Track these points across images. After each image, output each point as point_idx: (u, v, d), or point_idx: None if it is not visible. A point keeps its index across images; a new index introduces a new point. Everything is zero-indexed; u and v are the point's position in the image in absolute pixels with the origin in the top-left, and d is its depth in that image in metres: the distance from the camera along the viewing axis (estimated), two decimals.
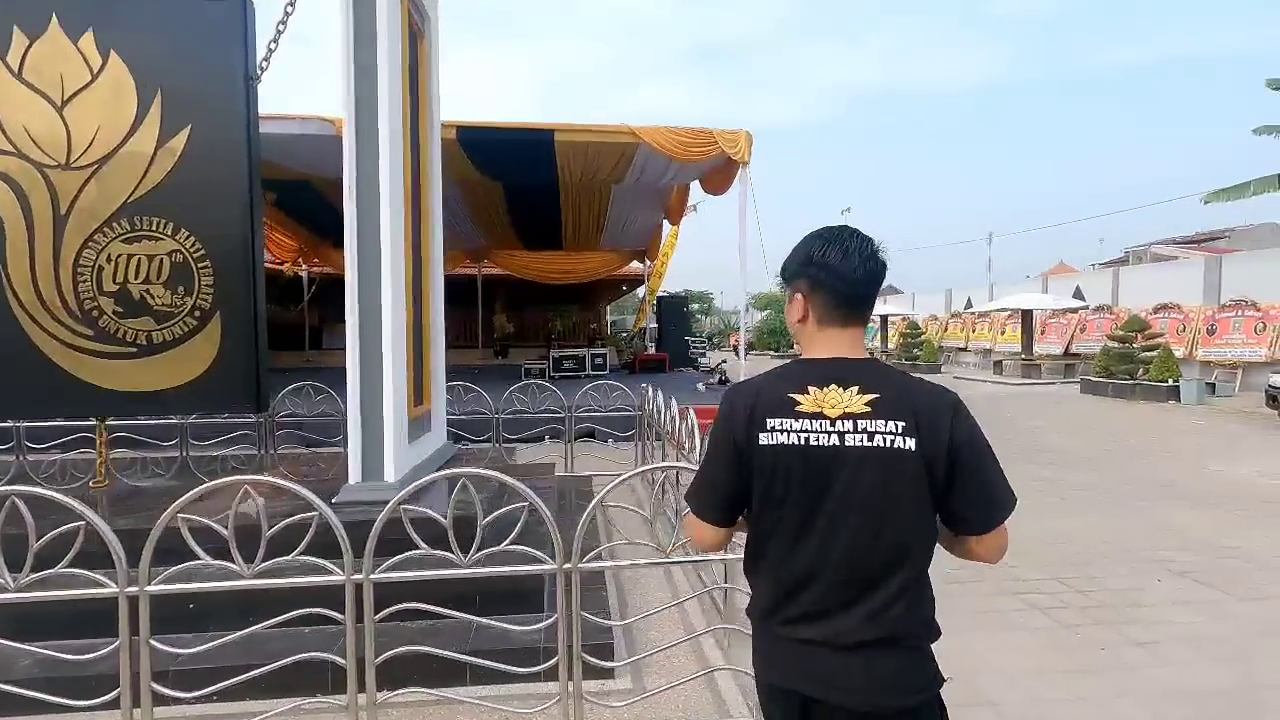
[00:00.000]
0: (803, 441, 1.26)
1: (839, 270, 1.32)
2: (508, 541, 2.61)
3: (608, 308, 26.27)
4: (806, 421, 1.26)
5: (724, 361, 19.59)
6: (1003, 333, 23.84)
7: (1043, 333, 21.89)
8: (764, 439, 1.28)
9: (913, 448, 1.23)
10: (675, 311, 18.54)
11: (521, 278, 19.39)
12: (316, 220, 15.59)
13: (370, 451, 3.79)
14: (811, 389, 1.28)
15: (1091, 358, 17.92)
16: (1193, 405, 13.65)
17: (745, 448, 1.30)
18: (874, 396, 1.26)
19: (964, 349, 26.32)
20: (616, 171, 11.15)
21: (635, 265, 20.31)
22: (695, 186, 12.60)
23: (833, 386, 1.28)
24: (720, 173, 10.68)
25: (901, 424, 1.24)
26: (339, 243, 14.24)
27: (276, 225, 15.92)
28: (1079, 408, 13.83)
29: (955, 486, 1.26)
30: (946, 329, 27.79)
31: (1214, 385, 15.07)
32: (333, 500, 3.68)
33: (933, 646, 1.32)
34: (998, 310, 22.51)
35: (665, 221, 16.64)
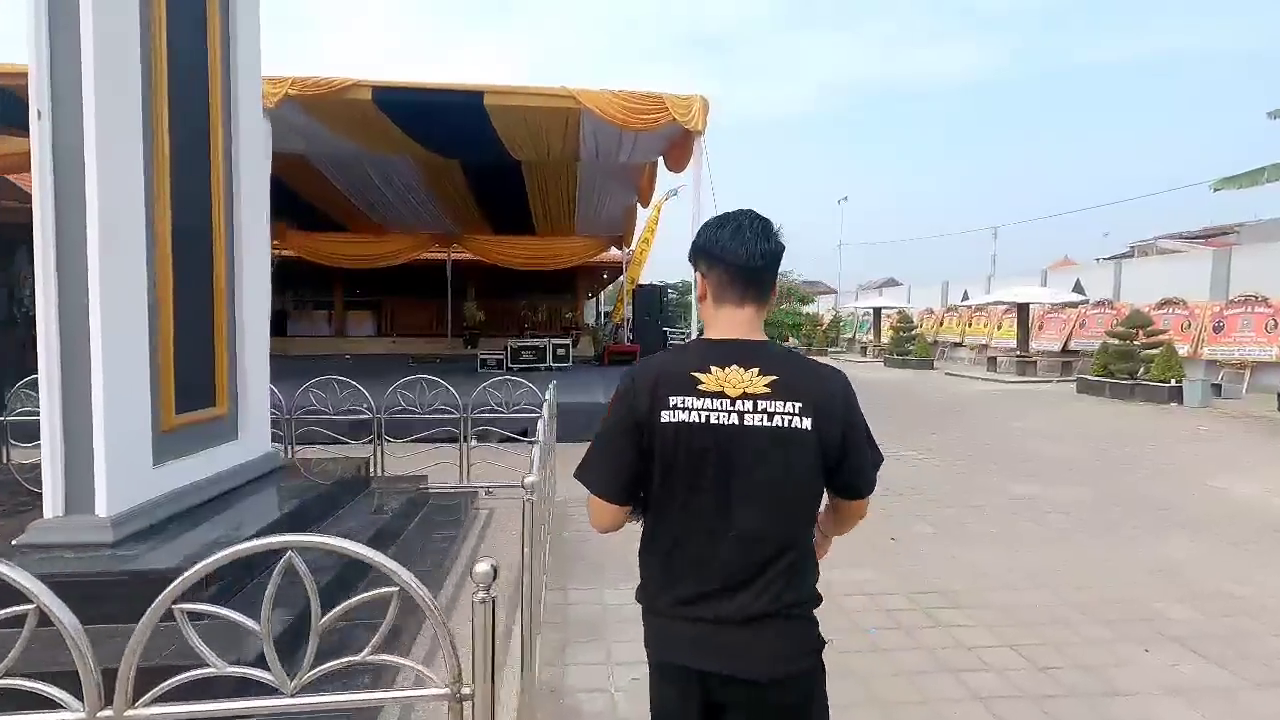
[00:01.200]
0: (704, 420, 1.29)
1: (731, 248, 1.35)
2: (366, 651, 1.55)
3: (600, 298, 25.24)
4: (708, 400, 1.29)
5: None
6: (999, 327, 22.70)
7: (1040, 328, 20.75)
8: (666, 416, 1.30)
9: (809, 427, 1.29)
10: (651, 301, 17.46)
11: (493, 264, 18.38)
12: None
13: (76, 475, 2.77)
14: (714, 368, 1.31)
15: (1090, 355, 16.80)
16: (1196, 408, 12.52)
17: (646, 425, 1.31)
18: (773, 378, 1.30)
19: (959, 344, 25.18)
20: (568, 144, 10.09)
21: (615, 252, 19.27)
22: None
23: (734, 367, 1.31)
24: (678, 146, 9.62)
25: (798, 405, 1.29)
26: (305, 224, 13.20)
27: None
28: (1074, 409, 12.73)
29: (845, 461, 1.34)
30: (942, 323, 26.62)
31: (1220, 386, 13.94)
32: (14, 542, 2.68)
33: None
34: (993, 304, 21.36)
35: (640, 205, 15.67)
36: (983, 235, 76.30)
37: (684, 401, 1.29)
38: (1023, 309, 19.52)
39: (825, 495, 1.42)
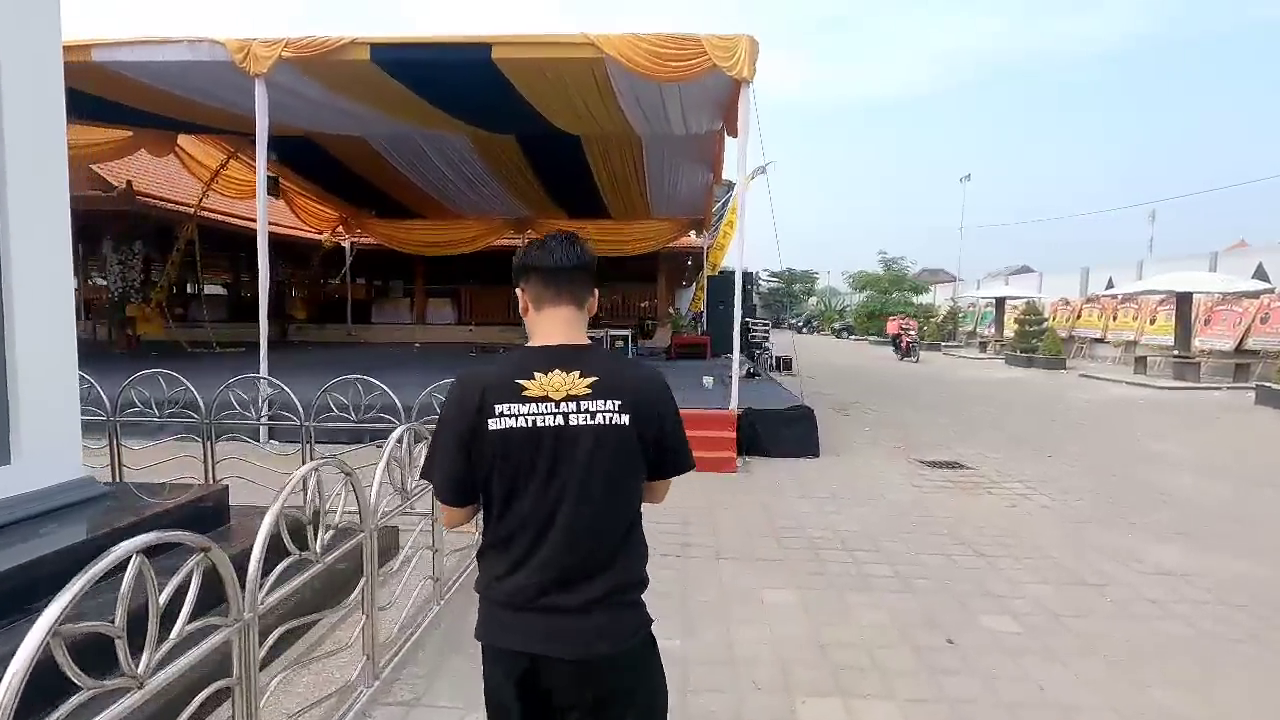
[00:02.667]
0: (530, 424, 1.33)
1: (538, 256, 1.45)
2: None
3: (691, 287, 23.83)
4: (533, 405, 1.34)
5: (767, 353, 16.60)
6: (1152, 321, 19.07)
7: (1206, 323, 17.08)
8: (493, 424, 1.33)
9: (627, 423, 1.36)
10: (726, 290, 15.81)
11: None
12: (333, 182, 14.30)
13: None
14: (537, 374, 1.36)
15: (1275, 356, 13.46)
16: None
17: (475, 434, 1.35)
18: (594, 379, 1.36)
19: (1101, 339, 21.55)
20: (608, 106, 8.75)
21: (694, 237, 17.77)
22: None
23: (556, 371, 1.36)
24: (731, 106, 8.04)
25: (618, 403, 1.35)
26: (382, 212, 12.84)
27: (308, 192, 14.84)
28: (1247, 427, 9.96)
29: (661, 451, 1.44)
30: (1079, 315, 22.95)
31: None
32: None
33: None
34: (1146, 293, 17.90)
35: (716, 184, 14.10)
36: (1133, 217, 67.35)
37: (510, 408, 1.33)
38: (1184, 300, 16.12)
39: None
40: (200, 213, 12.75)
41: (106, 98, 8.36)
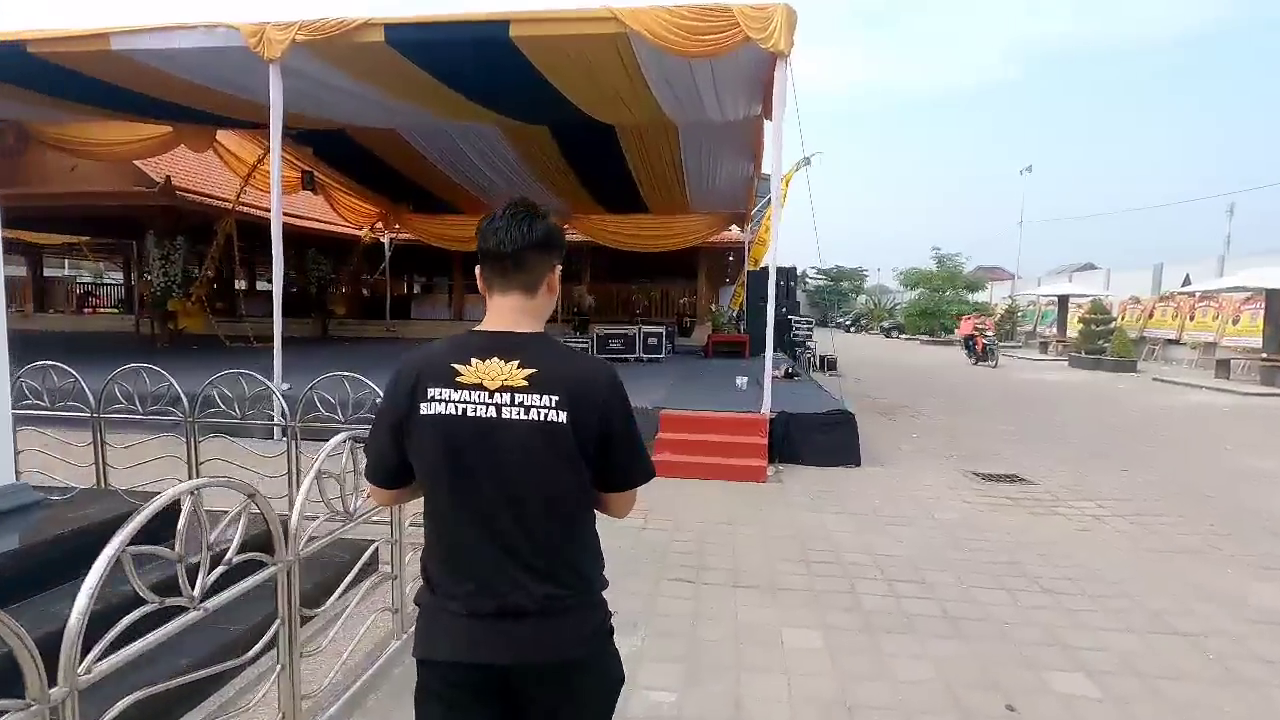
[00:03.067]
0: (460, 412, 1.23)
1: (488, 234, 1.31)
2: None
3: (734, 285, 23.16)
4: (466, 392, 1.23)
5: (808, 353, 15.79)
6: (1235, 321, 17.53)
7: None
8: (425, 409, 1.25)
9: (564, 420, 1.23)
10: (765, 286, 15.12)
11: (605, 245, 17.00)
12: (369, 177, 14.18)
13: None
14: (474, 360, 1.26)
15: None
16: None
17: (407, 417, 1.27)
18: (532, 371, 1.24)
19: (1175, 341, 19.98)
20: (637, 89, 8.23)
21: (735, 232, 17.12)
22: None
23: (494, 359, 1.25)
24: (768, 85, 7.43)
25: (555, 398, 1.23)
26: (419, 207, 12.69)
27: (345, 188, 14.77)
28: None
29: (605, 455, 1.28)
30: (1151, 314, 21.36)
31: None
32: None
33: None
34: (1231, 290, 16.44)
35: (758, 176, 13.45)
36: (1206, 214, 63.44)
37: (442, 393, 1.24)
38: (1274, 296, 14.69)
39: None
40: (238, 208, 12.75)
41: (134, 89, 8.25)
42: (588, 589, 1.33)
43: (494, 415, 1.22)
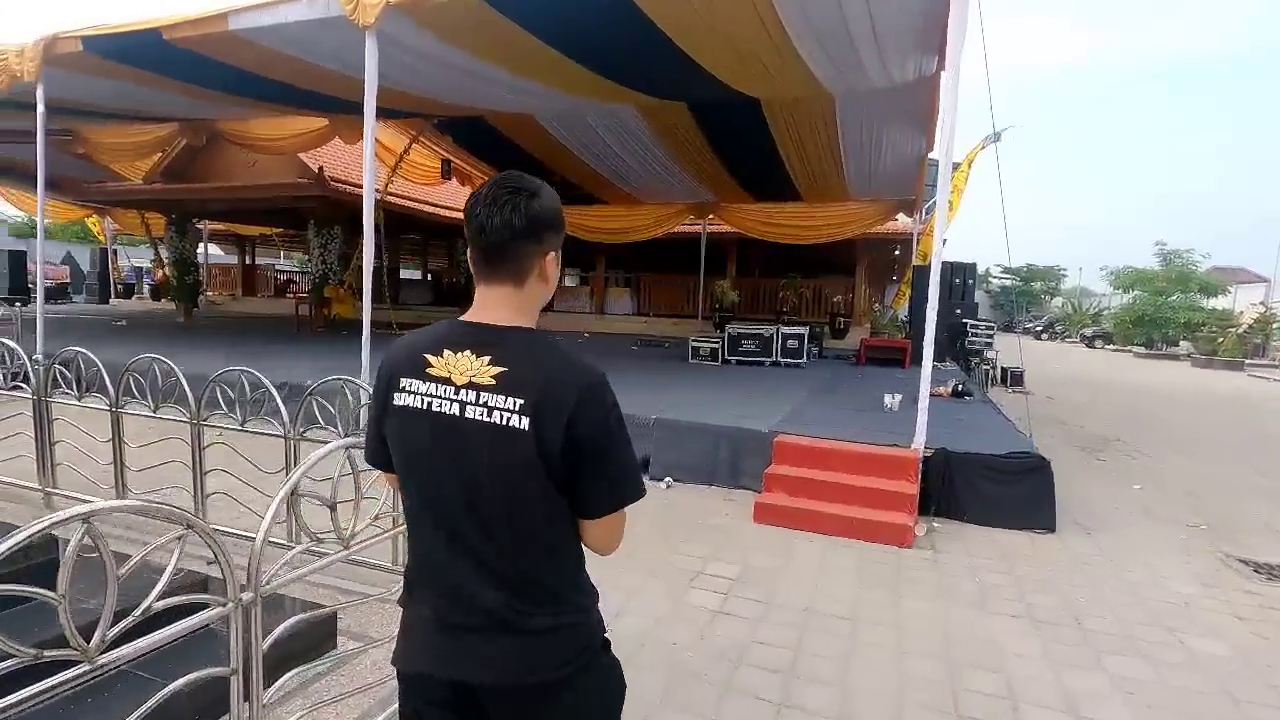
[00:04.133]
0: (425, 406, 1.15)
1: (476, 217, 1.15)
2: None
3: (899, 283, 20.67)
4: (433, 386, 1.15)
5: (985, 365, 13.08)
6: None
7: None
8: (396, 399, 1.17)
9: (526, 428, 1.09)
10: (928, 282, 12.82)
11: (753, 237, 15.53)
12: (509, 165, 13.71)
13: None
14: (446, 352, 1.16)
15: None
16: None
17: (383, 408, 1.21)
18: (502, 370, 1.12)
19: None
20: (778, 47, 6.79)
21: (903, 221, 14.88)
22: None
23: (467, 352, 1.15)
24: (942, 26, 5.70)
25: (520, 402, 1.10)
26: (562, 197, 12.65)
27: (486, 176, 14.64)
28: None
29: (577, 472, 1.12)
30: None
31: None
32: None
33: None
34: None
35: (931, 151, 11.31)
36: None
37: (411, 384, 1.16)
38: None
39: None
40: (386, 198, 12.91)
41: (268, 76, 8.21)
42: (566, 609, 1.18)
43: (457, 413, 1.12)
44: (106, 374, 3.90)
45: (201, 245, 20.62)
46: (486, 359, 1.12)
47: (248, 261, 23.03)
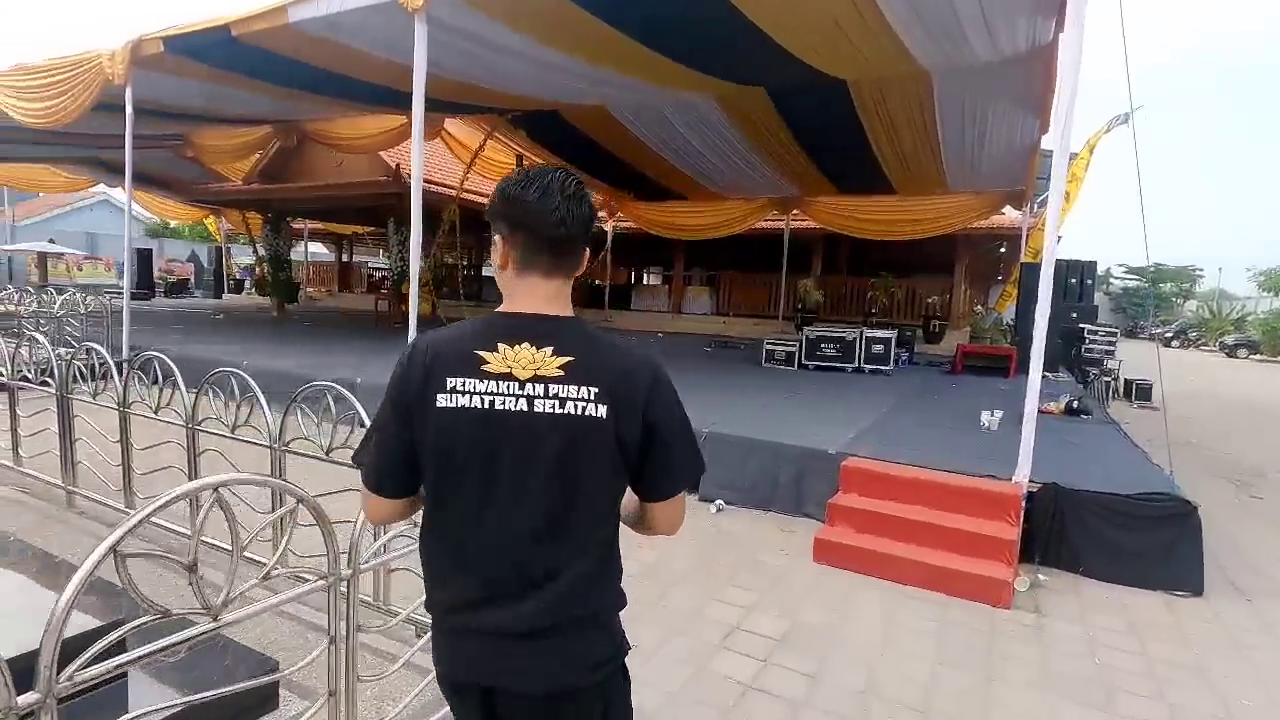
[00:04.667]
0: (487, 405, 1.07)
1: (539, 211, 1.10)
2: None
3: (1005, 283, 18.96)
4: (493, 383, 1.08)
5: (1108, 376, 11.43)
6: None
7: None
8: (442, 400, 1.08)
9: (604, 415, 1.07)
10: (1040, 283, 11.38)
11: (839, 233, 14.50)
12: (586, 161, 13.47)
13: None
14: (501, 346, 1.09)
15: None
16: None
17: (420, 410, 1.10)
18: (569, 359, 1.09)
19: None
20: (867, 21, 6.01)
21: (1010, 215, 13.45)
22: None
23: (525, 345, 1.09)
24: None
25: (595, 390, 1.07)
26: (641, 194, 11.98)
27: (566, 170, 14.34)
28: None
29: (649, 456, 1.12)
30: None
31: None
32: None
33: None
34: None
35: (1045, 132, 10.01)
36: None
37: (465, 384, 1.08)
38: None
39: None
40: (462, 195, 12.85)
41: (332, 70, 8.15)
42: (610, 610, 1.16)
43: (525, 409, 1.07)
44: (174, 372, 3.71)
45: (302, 243, 21.60)
46: (549, 349, 1.08)
47: (343, 259, 23.98)
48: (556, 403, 1.06)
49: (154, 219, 29.59)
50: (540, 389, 1.06)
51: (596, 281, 18.36)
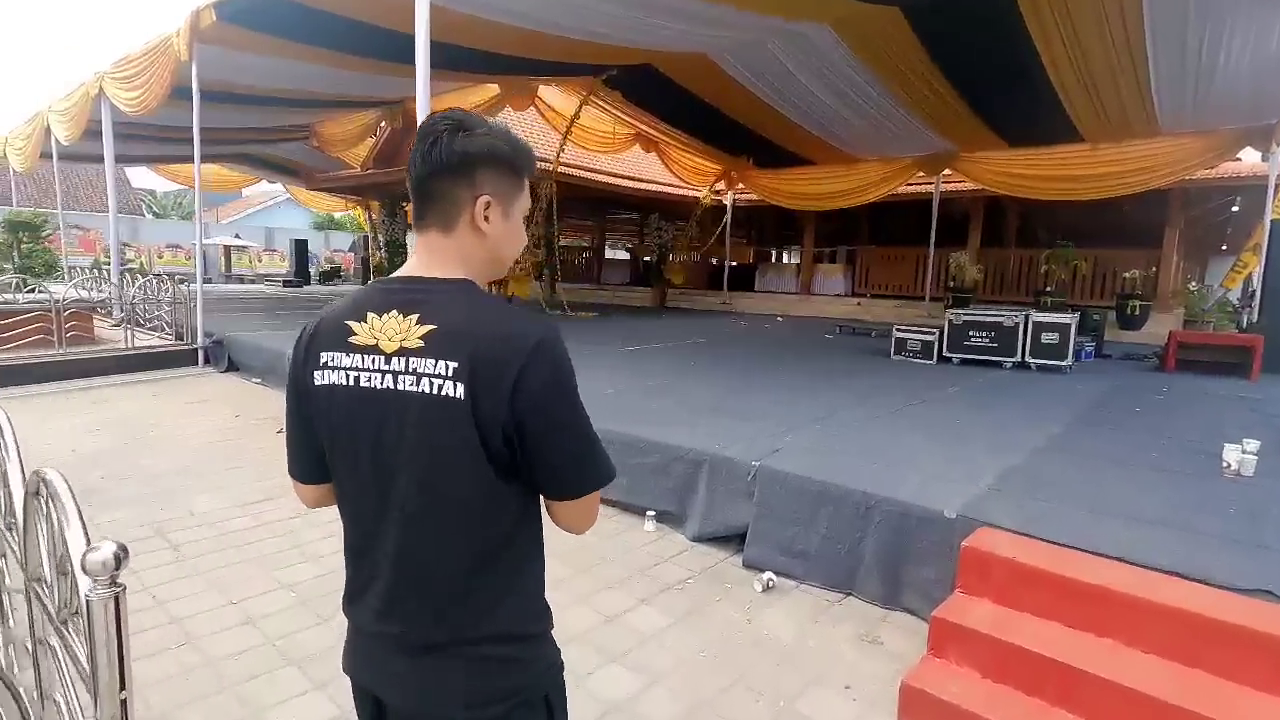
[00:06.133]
0: (352, 381, 0.94)
1: (412, 157, 0.99)
2: None
3: (1239, 253, 14.88)
4: (359, 357, 0.94)
5: None
6: None
7: None
8: (318, 378, 0.97)
9: (460, 395, 0.88)
10: None
11: (1005, 195, 11.84)
12: (692, 124, 11.94)
13: None
14: (370, 315, 0.96)
15: None
16: None
17: (305, 389, 1.00)
18: (431, 328, 0.91)
19: None
20: None
21: (1248, 161, 10.14)
22: None
23: (393, 313, 0.94)
24: None
25: (453, 365, 0.89)
26: (762, 160, 10.35)
27: (670, 138, 12.84)
28: None
29: (523, 449, 0.91)
30: None
31: None
32: None
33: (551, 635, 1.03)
34: None
35: None
36: None
37: (334, 359, 0.96)
38: None
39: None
40: (560, 169, 11.84)
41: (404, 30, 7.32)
42: (500, 634, 0.96)
43: (390, 385, 0.92)
44: None
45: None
46: (414, 317, 0.93)
47: None
48: (414, 379, 0.90)
49: (320, 213, 32.05)
50: (403, 363, 0.91)
51: (715, 261, 16.76)
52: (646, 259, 17.02)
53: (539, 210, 11.88)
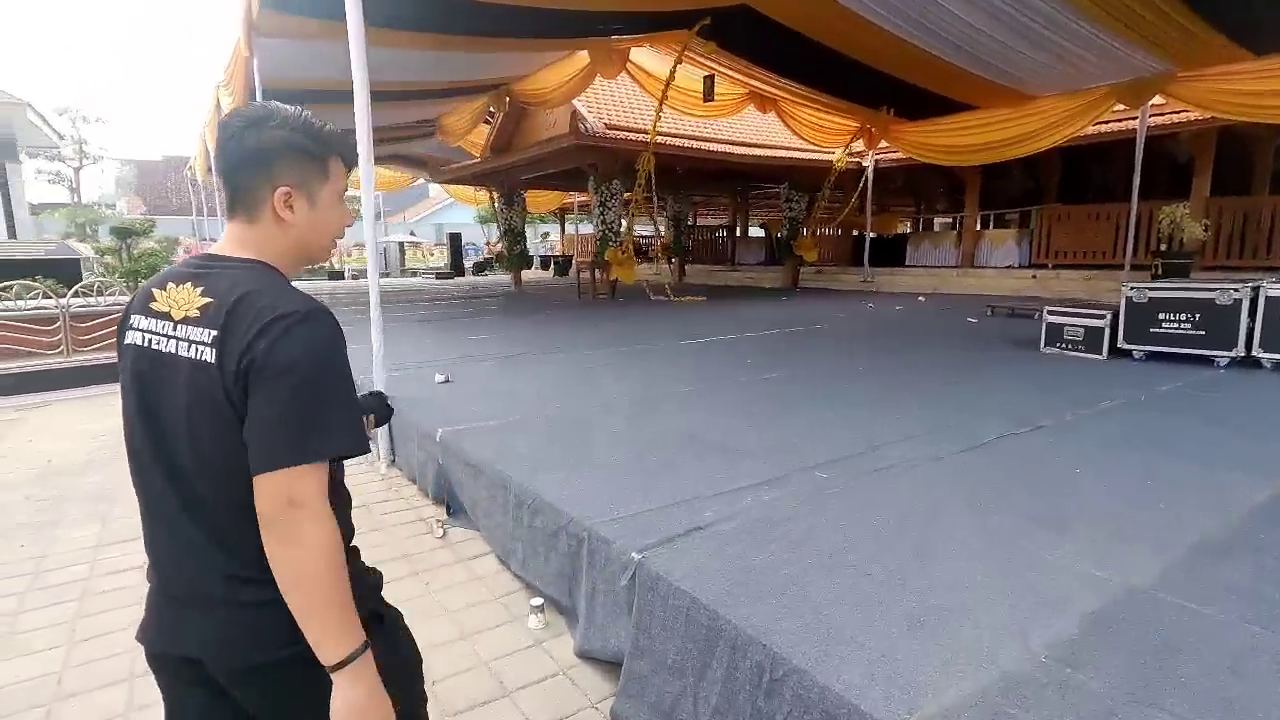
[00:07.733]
0: (146, 343, 1.03)
1: (214, 153, 1.06)
2: None
3: None
4: (154, 321, 1.03)
5: None
6: None
7: None
8: (127, 338, 1.06)
9: (212, 360, 0.96)
10: None
11: (1249, 124, 8.69)
12: (807, 72, 10.08)
13: None
14: (170, 286, 1.04)
15: None
16: None
17: (119, 348, 1.08)
18: (208, 301, 0.99)
19: None
20: None
21: None
22: None
23: (186, 285, 1.02)
24: None
25: (213, 333, 0.97)
26: (903, 110, 8.58)
27: (787, 93, 11.00)
28: None
29: (249, 412, 0.95)
30: None
31: None
32: None
33: None
34: None
35: None
36: None
37: (137, 320, 1.05)
38: None
39: None
40: (656, 139, 10.64)
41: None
42: (265, 583, 0.98)
43: (171, 351, 1.00)
44: None
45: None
46: (200, 290, 1.00)
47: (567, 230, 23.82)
48: (187, 345, 0.98)
49: (483, 207, 33.71)
50: (184, 330, 0.99)
51: (856, 233, 14.56)
52: (779, 236, 15.25)
53: (638, 188, 10.81)
